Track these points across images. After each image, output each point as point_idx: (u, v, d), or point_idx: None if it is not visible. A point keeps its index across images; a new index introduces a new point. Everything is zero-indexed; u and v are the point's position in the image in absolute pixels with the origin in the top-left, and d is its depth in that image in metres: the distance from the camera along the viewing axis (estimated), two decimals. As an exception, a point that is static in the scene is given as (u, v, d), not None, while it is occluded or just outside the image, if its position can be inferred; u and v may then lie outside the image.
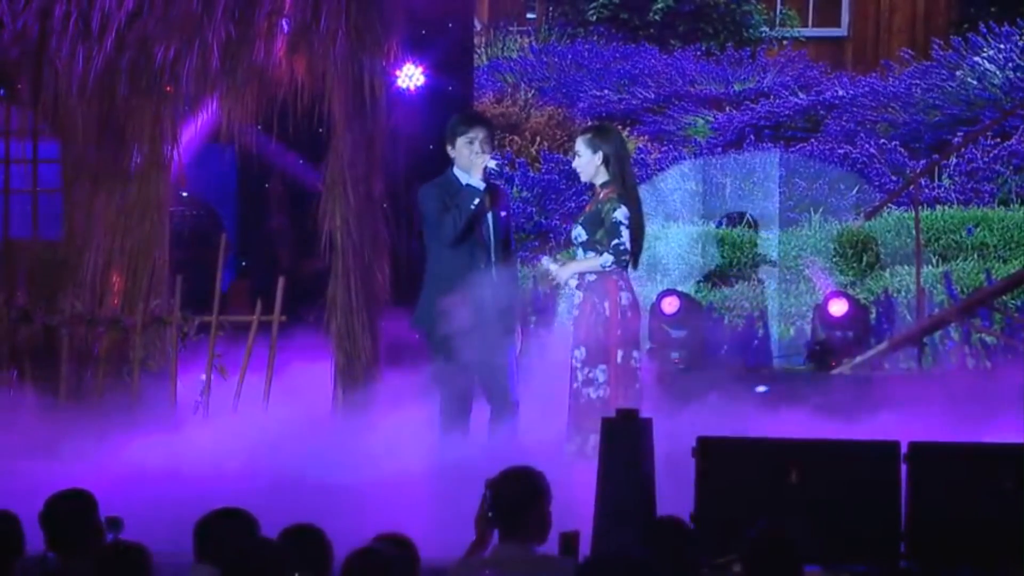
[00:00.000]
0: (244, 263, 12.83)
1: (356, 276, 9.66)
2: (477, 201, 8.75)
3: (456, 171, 8.87)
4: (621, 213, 8.62)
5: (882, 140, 17.68)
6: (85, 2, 9.61)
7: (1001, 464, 6.81)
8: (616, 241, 8.59)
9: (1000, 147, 17.27)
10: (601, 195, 8.73)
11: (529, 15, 20.59)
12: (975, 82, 17.93)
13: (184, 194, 12.04)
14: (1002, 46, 18.00)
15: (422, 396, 8.93)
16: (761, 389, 10.97)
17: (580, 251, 8.76)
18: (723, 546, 6.51)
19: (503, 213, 8.95)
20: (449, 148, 8.90)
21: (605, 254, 8.60)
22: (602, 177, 8.75)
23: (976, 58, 18.11)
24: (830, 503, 6.81)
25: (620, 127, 17.66)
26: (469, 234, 8.77)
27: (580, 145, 8.80)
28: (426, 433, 8.69)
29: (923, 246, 14.91)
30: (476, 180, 8.80)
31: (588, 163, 8.76)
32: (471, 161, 8.80)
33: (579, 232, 8.73)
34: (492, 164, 8.85)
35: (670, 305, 13.28)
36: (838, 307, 13.27)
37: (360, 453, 8.45)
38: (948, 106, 17.91)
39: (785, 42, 20.03)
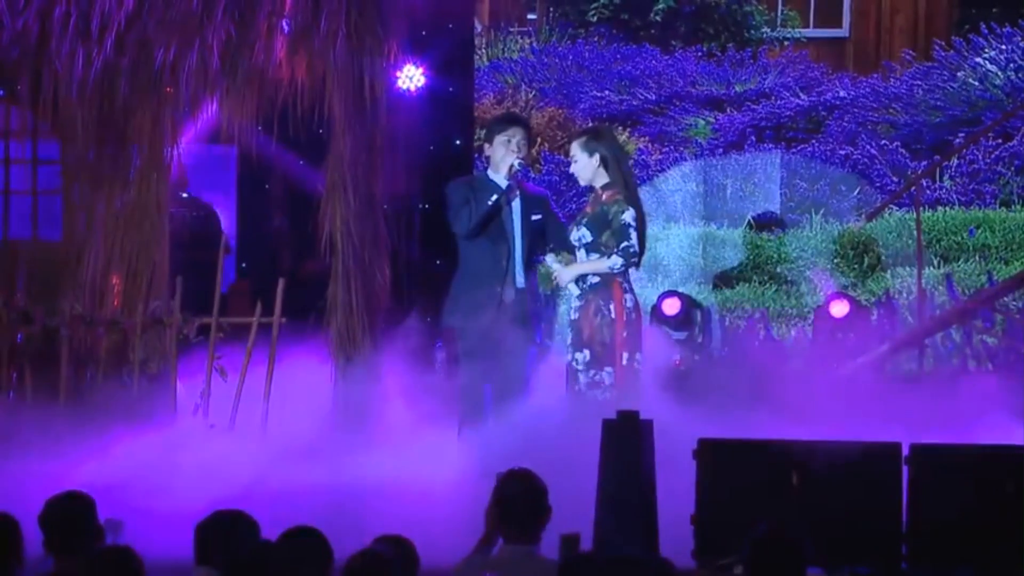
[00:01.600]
0: (244, 264, 12.79)
1: (356, 277, 9.64)
2: (495, 197, 8.85)
3: (488, 171, 9.07)
4: (630, 215, 8.62)
5: (883, 141, 17.66)
6: (85, 2, 9.57)
7: (1002, 466, 6.80)
8: (626, 243, 8.58)
9: (1002, 148, 17.26)
10: (604, 197, 8.71)
11: (530, 16, 20.59)
12: (977, 83, 17.92)
13: (184, 195, 12.00)
14: (1004, 47, 17.99)
15: (422, 396, 8.93)
16: None
17: (583, 253, 8.73)
18: (723, 547, 6.51)
19: (535, 216, 9.00)
20: (486, 146, 9.11)
21: (614, 256, 8.59)
22: (602, 179, 8.74)
23: (978, 59, 18.10)
24: (831, 505, 6.80)
25: (621, 128, 17.67)
26: (488, 229, 8.88)
27: (576, 149, 8.82)
28: (425, 434, 8.68)
29: (924, 247, 14.89)
30: (500, 178, 8.90)
31: (586, 166, 8.76)
32: (504, 160, 8.89)
33: (583, 233, 8.71)
34: (516, 163, 8.91)
35: (671, 307, 13.24)
36: (839, 308, 13.23)
37: (360, 455, 8.44)
38: (949, 107, 17.90)
39: (786, 43, 20.04)
